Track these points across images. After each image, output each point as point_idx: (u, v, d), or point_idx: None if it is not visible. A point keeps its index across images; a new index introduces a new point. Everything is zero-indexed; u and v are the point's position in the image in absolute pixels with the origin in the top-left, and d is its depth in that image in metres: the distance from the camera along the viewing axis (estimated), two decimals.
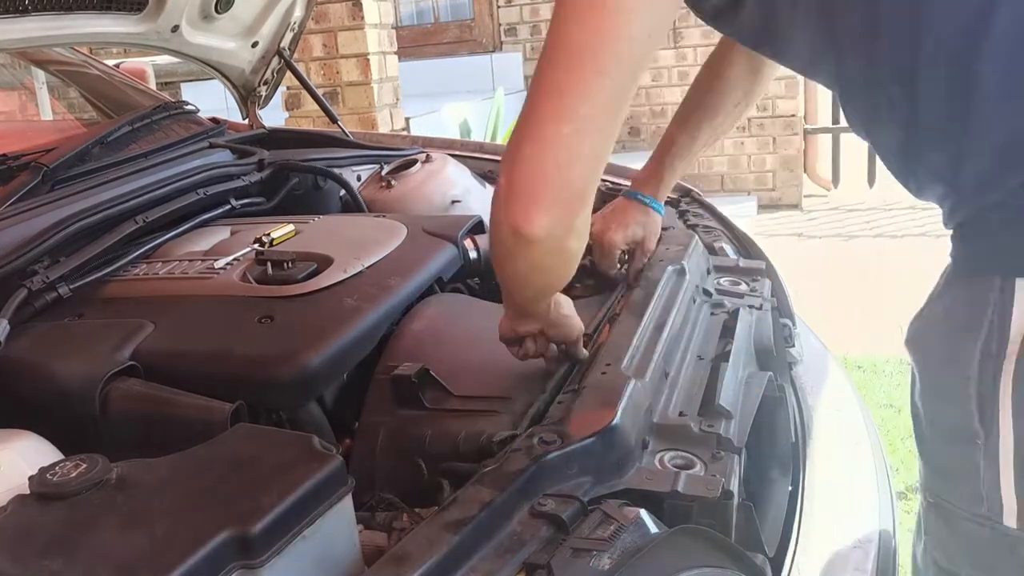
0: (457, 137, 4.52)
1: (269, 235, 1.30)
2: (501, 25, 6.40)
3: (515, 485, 0.76)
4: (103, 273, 1.26)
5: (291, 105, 4.06)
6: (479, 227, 1.46)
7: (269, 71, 2.07)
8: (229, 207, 1.55)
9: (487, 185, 1.86)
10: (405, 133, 4.06)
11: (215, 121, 1.99)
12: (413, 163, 1.82)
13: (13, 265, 1.20)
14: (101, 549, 0.64)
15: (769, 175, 6.00)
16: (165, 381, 1.00)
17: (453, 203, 1.73)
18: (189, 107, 1.92)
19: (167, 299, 1.20)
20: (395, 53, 4.30)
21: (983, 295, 0.83)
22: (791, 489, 1.14)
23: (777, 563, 0.98)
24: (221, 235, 1.45)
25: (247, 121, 2.13)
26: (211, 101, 3.03)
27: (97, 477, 0.71)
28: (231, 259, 1.27)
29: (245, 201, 1.59)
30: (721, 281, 1.38)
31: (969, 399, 0.85)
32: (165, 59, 3.23)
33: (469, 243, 1.40)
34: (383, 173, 1.81)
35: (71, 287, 1.20)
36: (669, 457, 0.88)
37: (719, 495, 0.81)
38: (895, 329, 1.03)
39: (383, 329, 1.14)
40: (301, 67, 2.85)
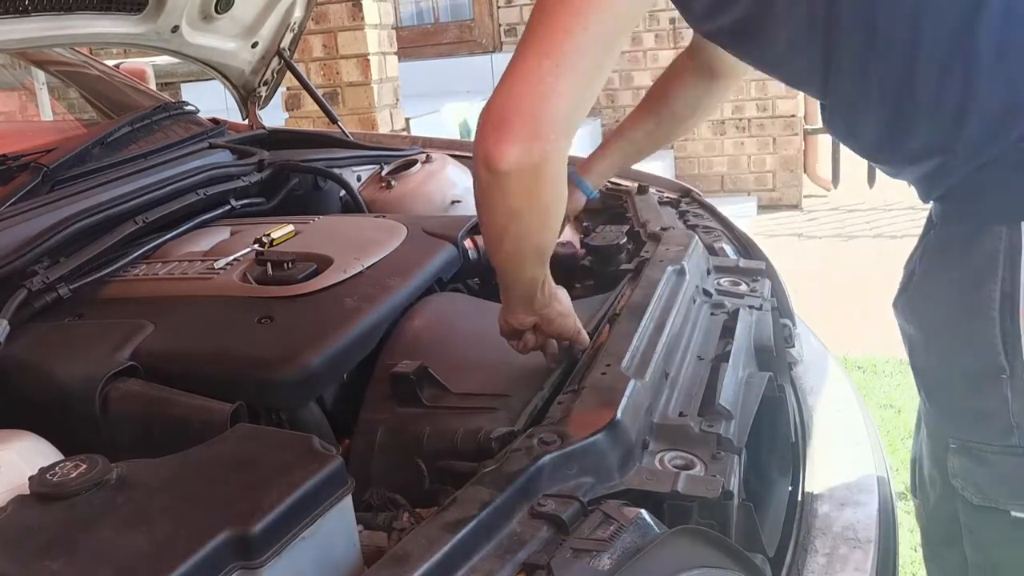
0: (457, 137, 4.52)
1: (269, 235, 1.30)
2: (501, 25, 6.40)
3: (515, 485, 0.76)
4: (103, 273, 1.26)
5: (291, 105, 4.06)
6: (479, 227, 1.46)
7: (269, 71, 2.07)
8: (229, 207, 1.55)
9: None
10: (405, 133, 4.06)
11: (215, 121, 1.99)
12: (413, 163, 1.82)
13: (13, 265, 1.20)
14: (101, 549, 0.64)
15: (769, 175, 6.00)
16: (165, 381, 1.00)
17: (453, 203, 1.73)
18: (189, 107, 1.92)
19: (167, 299, 1.20)
20: (395, 53, 4.30)
21: (991, 244, 0.89)
22: (791, 489, 1.14)
23: (777, 563, 0.98)
24: (221, 235, 1.45)
25: (247, 121, 2.13)
26: (211, 101, 3.03)
27: (97, 477, 0.71)
28: (231, 259, 1.27)
29: (245, 201, 1.59)
30: (721, 281, 1.37)
31: (995, 338, 0.90)
32: (165, 59, 3.24)
33: (469, 243, 1.40)
34: (383, 173, 1.81)
35: (71, 287, 1.20)
36: (669, 457, 0.88)
37: (719, 495, 0.81)
38: (895, 329, 1.04)
39: (383, 329, 1.14)
40: (301, 67, 2.85)
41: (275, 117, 3.45)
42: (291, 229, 1.36)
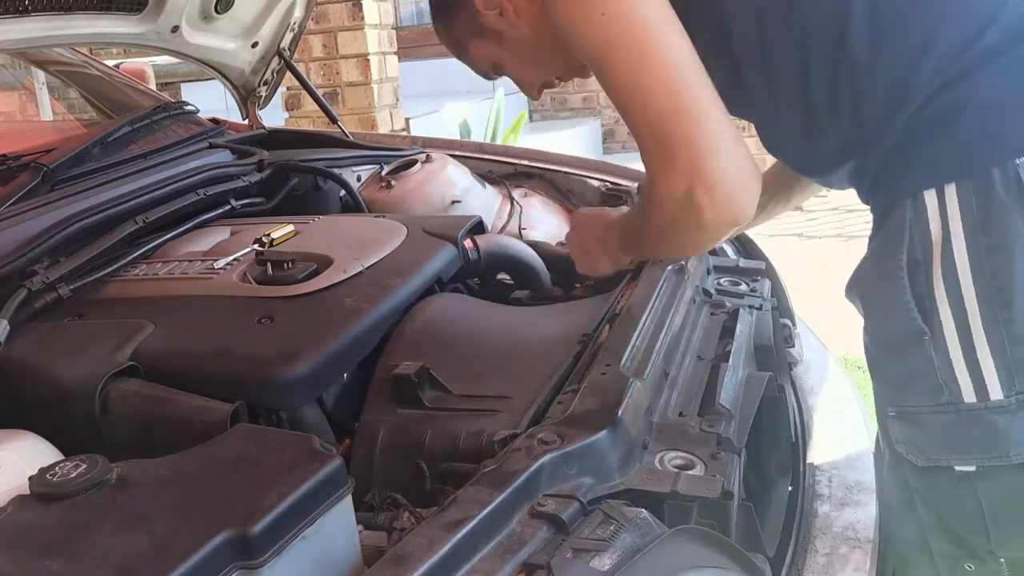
0: (457, 137, 4.52)
1: (269, 235, 1.30)
2: None
3: (515, 485, 0.76)
4: (103, 273, 1.26)
5: (291, 105, 4.06)
6: (479, 227, 1.46)
7: (269, 71, 2.07)
8: (229, 207, 1.55)
9: (487, 185, 1.86)
10: (405, 133, 4.06)
11: (215, 121, 1.99)
12: (413, 163, 1.82)
13: (13, 265, 1.20)
14: (101, 549, 0.64)
15: None
16: (165, 381, 1.00)
17: (453, 203, 1.73)
18: (189, 107, 1.92)
19: (167, 299, 1.20)
20: (395, 53, 4.30)
21: (899, 218, 0.98)
22: (791, 489, 1.14)
23: (777, 563, 0.98)
24: (221, 235, 1.45)
25: (247, 121, 2.13)
26: (211, 101, 3.03)
27: (97, 477, 0.71)
28: (231, 259, 1.27)
29: (245, 201, 1.59)
30: (721, 281, 1.38)
31: (908, 303, 0.97)
32: (165, 59, 3.23)
33: (469, 243, 1.40)
34: (383, 173, 1.81)
35: (71, 287, 1.20)
36: (669, 457, 0.88)
37: (719, 495, 0.81)
38: None
39: (383, 329, 1.14)
40: (301, 67, 2.85)
41: (275, 117, 3.45)
42: (291, 229, 1.36)
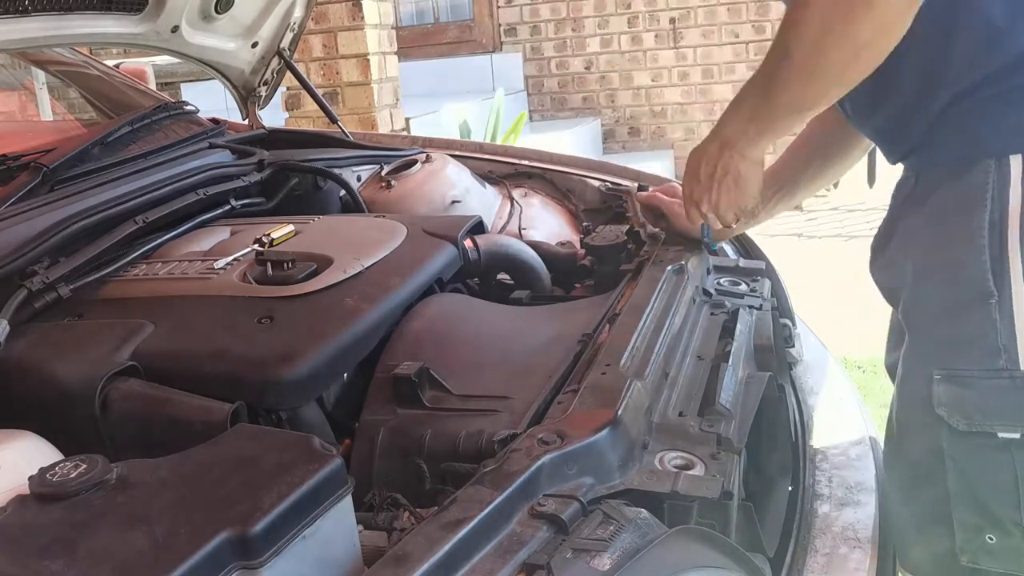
0: (457, 137, 4.52)
1: (269, 235, 1.30)
2: (501, 25, 6.41)
3: (515, 485, 0.76)
4: (103, 273, 1.26)
5: (291, 105, 4.06)
6: (479, 227, 1.46)
7: (269, 71, 2.06)
8: (229, 207, 1.55)
9: (487, 185, 1.86)
10: (405, 133, 4.06)
11: (215, 121, 1.99)
12: (413, 163, 1.82)
13: (13, 265, 1.20)
14: (101, 550, 0.64)
15: None
16: (165, 381, 1.00)
17: (453, 203, 1.73)
18: (189, 107, 1.91)
19: (167, 299, 1.20)
20: (395, 53, 4.30)
21: (980, 177, 0.94)
22: (791, 489, 1.14)
23: (777, 563, 0.98)
24: (221, 235, 1.45)
25: (247, 121, 2.13)
26: (211, 101, 3.03)
27: (97, 477, 0.71)
28: (231, 259, 1.27)
29: (245, 201, 1.59)
30: (721, 281, 1.38)
31: (984, 264, 0.94)
32: (165, 59, 3.24)
33: (469, 243, 1.40)
34: (383, 173, 1.81)
35: (71, 287, 1.20)
36: (669, 457, 0.88)
37: (719, 495, 0.81)
38: None
39: (383, 329, 1.14)
40: (301, 67, 2.85)
41: (275, 117, 3.45)
42: (291, 229, 1.36)
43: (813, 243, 5.06)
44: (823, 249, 4.91)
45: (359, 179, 1.80)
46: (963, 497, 0.99)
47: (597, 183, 1.84)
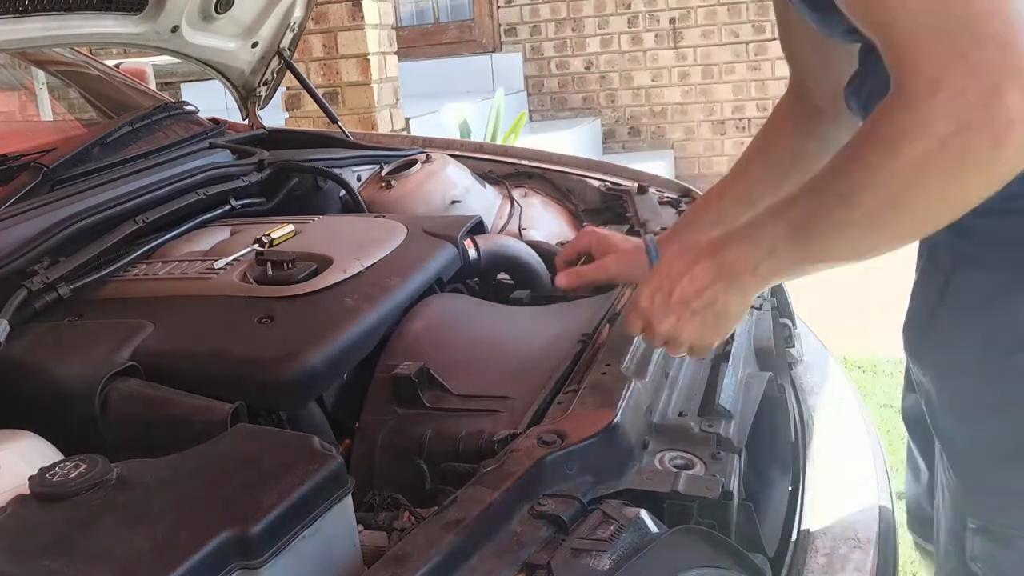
0: (457, 137, 4.52)
1: (269, 235, 1.30)
2: (501, 25, 6.40)
3: (515, 485, 0.76)
4: (103, 273, 1.26)
5: (291, 105, 4.06)
6: (479, 227, 1.46)
7: (269, 71, 2.07)
8: (229, 207, 1.55)
9: (487, 185, 1.86)
10: (405, 133, 4.06)
11: (215, 121, 1.99)
12: (413, 163, 1.82)
13: (13, 265, 1.20)
14: (101, 549, 0.64)
15: None
16: (165, 381, 1.00)
17: (453, 203, 1.73)
18: (189, 107, 1.92)
19: (167, 299, 1.20)
20: (395, 53, 4.30)
21: None
22: (791, 489, 1.14)
23: (777, 563, 0.98)
24: (221, 235, 1.45)
25: (247, 121, 2.13)
26: (211, 101, 3.03)
27: (97, 477, 0.71)
28: (231, 259, 1.27)
29: (245, 201, 1.59)
30: None
31: None
32: (165, 59, 3.23)
33: (469, 243, 1.40)
34: (383, 173, 1.81)
35: (71, 287, 1.20)
36: (669, 457, 0.88)
37: (719, 495, 0.81)
38: (895, 329, 1.03)
39: (383, 329, 1.14)
40: (301, 67, 2.85)
41: (275, 117, 3.45)
42: (291, 229, 1.36)
43: None
44: None
45: (359, 179, 1.80)
46: None
47: (597, 183, 1.85)
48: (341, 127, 2.13)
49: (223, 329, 1.10)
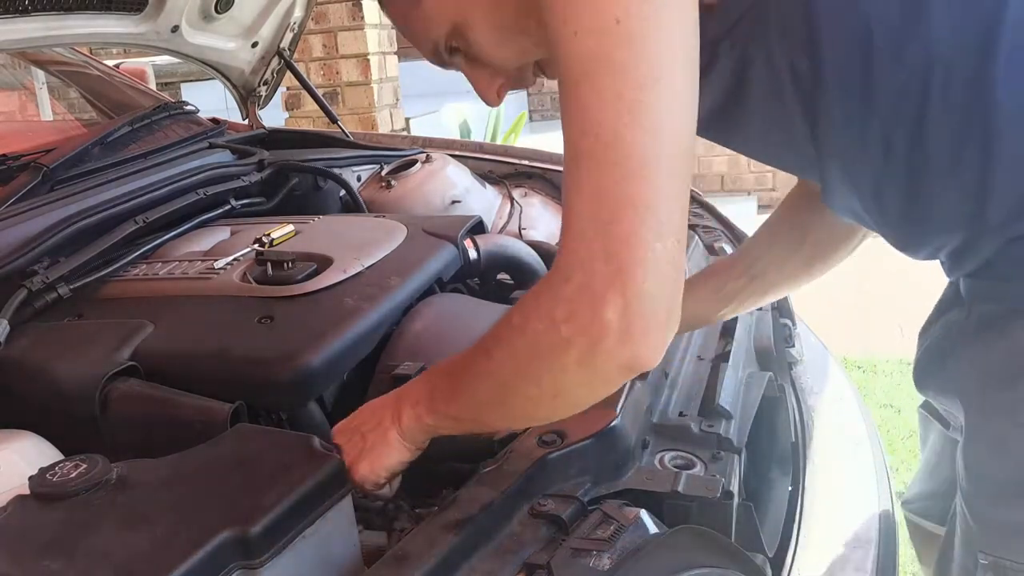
0: (457, 137, 4.52)
1: (269, 235, 1.30)
2: None
3: (515, 485, 0.76)
4: (103, 273, 1.26)
5: (291, 105, 4.06)
6: (479, 227, 1.46)
7: (269, 71, 2.07)
8: (229, 207, 1.55)
9: (487, 185, 1.86)
10: (405, 133, 4.06)
11: (215, 121, 1.99)
12: (413, 163, 1.82)
13: (13, 265, 1.20)
14: (101, 549, 0.64)
15: (769, 175, 6.00)
16: (165, 381, 1.00)
17: (453, 203, 1.73)
18: (189, 107, 1.92)
19: (167, 299, 1.20)
20: (395, 53, 4.30)
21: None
22: (791, 489, 1.14)
23: (777, 563, 0.98)
24: (221, 235, 1.45)
25: (247, 121, 2.13)
26: (211, 101, 3.03)
27: (97, 477, 0.71)
28: (231, 259, 1.27)
29: (245, 201, 1.59)
30: None
31: None
32: (165, 59, 3.24)
33: (469, 243, 1.40)
34: (383, 173, 1.81)
35: (71, 287, 1.20)
36: (669, 457, 0.88)
37: (719, 495, 0.81)
38: (895, 329, 1.03)
39: (383, 329, 1.14)
40: (301, 67, 2.85)
41: (275, 117, 3.45)
42: (291, 229, 1.36)
43: None
44: None
45: (359, 179, 1.81)
46: None
47: None
48: (341, 127, 2.13)
49: (223, 329, 1.10)
